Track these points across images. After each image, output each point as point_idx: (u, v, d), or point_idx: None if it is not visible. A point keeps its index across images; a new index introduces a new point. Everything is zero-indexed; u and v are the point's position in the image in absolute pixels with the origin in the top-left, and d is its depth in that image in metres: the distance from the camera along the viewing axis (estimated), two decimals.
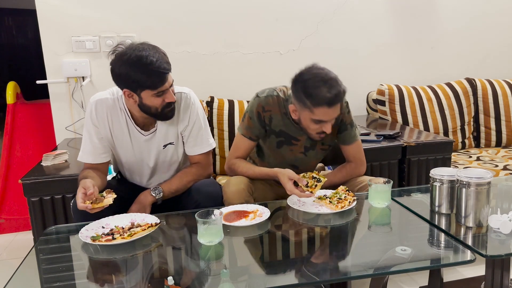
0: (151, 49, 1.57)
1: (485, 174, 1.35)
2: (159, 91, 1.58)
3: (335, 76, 1.67)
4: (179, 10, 2.62)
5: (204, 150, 1.80)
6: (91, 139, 1.72)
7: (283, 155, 1.89)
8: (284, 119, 1.82)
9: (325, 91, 1.61)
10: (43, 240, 1.45)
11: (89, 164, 1.73)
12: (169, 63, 1.60)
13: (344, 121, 1.84)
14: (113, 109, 1.71)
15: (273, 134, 1.85)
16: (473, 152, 2.72)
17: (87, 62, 2.54)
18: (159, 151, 1.77)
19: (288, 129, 1.82)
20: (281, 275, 1.22)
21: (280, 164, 1.88)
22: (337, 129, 1.85)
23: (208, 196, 1.71)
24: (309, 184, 1.61)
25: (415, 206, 1.57)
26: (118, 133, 1.73)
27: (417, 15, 3.02)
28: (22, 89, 3.02)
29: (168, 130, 1.75)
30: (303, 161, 1.91)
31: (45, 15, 2.46)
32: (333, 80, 1.65)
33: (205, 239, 1.30)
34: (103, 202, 1.48)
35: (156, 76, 1.56)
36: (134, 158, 1.78)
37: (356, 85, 2.98)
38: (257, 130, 1.84)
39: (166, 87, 1.60)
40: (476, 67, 3.15)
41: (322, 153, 1.93)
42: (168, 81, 1.60)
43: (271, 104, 1.81)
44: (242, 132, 1.86)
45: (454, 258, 1.28)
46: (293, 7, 2.79)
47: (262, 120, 1.82)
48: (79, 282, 1.23)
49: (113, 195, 1.52)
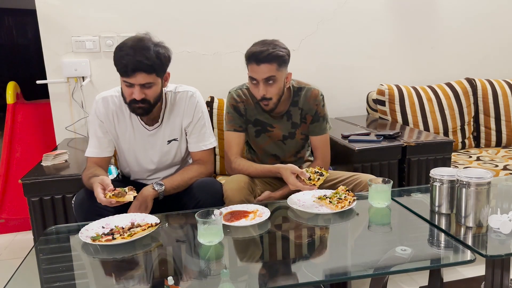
0: (136, 41, 1.61)
1: (485, 174, 1.35)
2: (126, 81, 1.62)
3: (278, 43, 1.82)
4: (179, 10, 2.62)
5: (206, 147, 1.84)
6: (96, 133, 1.79)
7: (263, 145, 1.99)
8: (258, 108, 1.93)
9: (255, 48, 1.77)
10: (43, 240, 1.45)
11: (94, 158, 1.78)
12: (146, 64, 1.58)
13: (317, 113, 1.95)
14: (117, 105, 1.77)
15: (250, 123, 1.97)
16: (473, 152, 2.72)
17: (87, 62, 2.54)
18: (163, 147, 1.82)
19: (262, 117, 1.95)
20: (281, 275, 1.22)
21: (263, 156, 2.01)
22: (310, 120, 1.96)
23: (208, 194, 1.72)
24: (311, 178, 1.63)
25: (415, 206, 1.57)
26: (122, 129, 1.78)
27: (417, 15, 3.02)
28: (22, 89, 3.02)
29: (172, 126, 1.81)
30: (283, 150, 2.00)
31: (45, 15, 2.46)
32: (272, 43, 1.79)
33: (205, 239, 1.30)
34: (125, 198, 1.50)
35: (119, 65, 1.60)
36: (138, 154, 1.82)
37: (356, 85, 2.98)
38: (238, 120, 1.94)
39: (133, 81, 1.61)
40: (476, 67, 3.15)
41: (301, 142, 2.02)
42: (137, 78, 1.59)
43: (242, 96, 1.94)
44: (227, 128, 1.97)
45: (454, 258, 1.28)
46: (293, 7, 2.79)
47: (239, 110, 1.93)
48: (79, 282, 1.22)
49: (135, 192, 1.54)
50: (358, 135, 2.28)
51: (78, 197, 1.67)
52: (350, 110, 2.99)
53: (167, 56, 1.68)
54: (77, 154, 2.23)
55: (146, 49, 1.60)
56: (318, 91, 1.96)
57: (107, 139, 1.80)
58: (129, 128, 1.79)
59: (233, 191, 1.71)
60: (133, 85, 1.62)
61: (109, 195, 1.49)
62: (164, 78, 1.72)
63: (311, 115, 1.95)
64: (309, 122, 1.97)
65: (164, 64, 1.67)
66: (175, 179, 1.75)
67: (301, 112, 1.95)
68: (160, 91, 1.71)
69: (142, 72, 1.59)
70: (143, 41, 1.62)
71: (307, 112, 1.96)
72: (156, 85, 1.67)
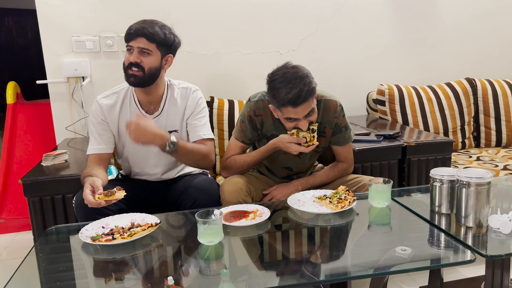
0: (149, 19, 1.76)
1: (485, 174, 1.35)
2: (128, 45, 1.73)
3: (302, 75, 1.63)
4: (179, 10, 2.62)
5: (207, 136, 1.86)
6: (95, 132, 1.82)
7: (277, 158, 1.90)
8: (276, 123, 1.83)
9: (285, 92, 1.61)
10: (43, 240, 1.45)
11: (94, 156, 1.80)
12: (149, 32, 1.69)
13: (338, 124, 1.86)
14: (118, 97, 1.83)
15: (265, 138, 1.87)
16: (473, 152, 2.72)
17: (87, 62, 2.54)
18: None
19: (280, 133, 1.79)
20: (281, 275, 1.22)
21: (276, 167, 1.93)
22: (331, 132, 1.87)
23: (206, 194, 1.73)
24: (307, 140, 1.67)
25: (415, 206, 1.57)
26: (124, 118, 1.82)
27: (417, 15, 3.02)
28: (22, 89, 3.02)
29: (173, 117, 1.84)
30: (298, 163, 1.92)
31: (45, 15, 2.46)
32: (298, 79, 1.62)
33: (205, 239, 1.30)
34: (115, 196, 1.50)
35: (126, 32, 1.73)
36: (136, 144, 1.81)
37: (356, 85, 2.98)
38: (249, 134, 1.86)
39: (133, 44, 1.71)
40: (476, 67, 3.15)
41: (315, 155, 1.96)
42: (137, 41, 1.70)
43: (262, 109, 1.81)
44: (235, 136, 1.90)
45: (454, 258, 1.28)
46: (293, 7, 2.79)
47: (254, 124, 1.84)
48: (79, 282, 1.23)
49: (123, 191, 1.54)
50: (358, 135, 2.28)
51: (78, 197, 1.67)
52: (350, 110, 2.97)
53: (172, 37, 1.78)
54: (77, 154, 2.23)
55: (154, 23, 1.73)
56: (336, 102, 1.83)
57: (107, 136, 1.82)
58: (130, 117, 1.82)
59: (230, 192, 1.71)
60: (133, 50, 1.71)
61: (97, 196, 1.49)
62: (164, 58, 1.78)
63: (330, 127, 1.85)
64: (329, 135, 1.87)
65: (167, 40, 1.75)
66: (188, 143, 1.80)
67: (320, 126, 1.82)
68: (157, 66, 1.75)
69: (143, 38, 1.69)
70: (155, 19, 1.76)
71: (325, 126, 1.84)
72: (154, 56, 1.73)
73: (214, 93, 2.54)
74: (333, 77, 2.91)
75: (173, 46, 1.79)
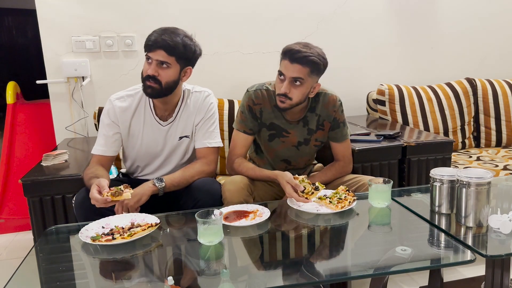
0: (170, 27, 1.73)
1: (485, 174, 1.35)
2: (147, 55, 1.70)
3: (321, 51, 1.78)
4: (179, 10, 2.62)
5: (211, 145, 1.85)
6: (104, 132, 1.81)
7: (275, 149, 1.94)
8: (275, 112, 1.87)
9: (294, 46, 1.73)
10: (43, 240, 1.45)
11: (98, 156, 1.80)
12: (169, 44, 1.66)
13: (337, 119, 1.90)
14: (134, 100, 1.81)
15: (265, 127, 1.91)
16: (473, 152, 2.72)
17: (87, 62, 2.54)
18: (173, 143, 1.84)
19: (279, 122, 1.88)
20: (281, 275, 1.22)
21: (274, 159, 1.95)
22: (329, 126, 1.91)
23: (208, 194, 1.72)
24: (305, 191, 1.60)
25: (415, 206, 1.57)
26: (136, 122, 1.82)
27: (417, 15, 3.02)
28: (22, 89, 3.02)
29: (185, 123, 1.84)
30: (296, 155, 1.95)
31: (45, 15, 2.46)
32: (312, 48, 1.74)
33: (205, 239, 1.30)
34: (122, 196, 1.50)
35: (146, 41, 1.70)
36: (147, 150, 1.84)
37: (356, 85, 2.98)
38: (250, 123, 1.89)
39: (152, 56, 1.68)
40: (476, 67, 3.15)
41: (314, 149, 1.98)
42: (156, 53, 1.67)
43: (261, 98, 1.87)
44: (237, 127, 1.92)
45: (454, 258, 1.28)
46: (293, 7, 2.79)
47: (254, 113, 1.88)
48: (79, 282, 1.22)
49: (131, 190, 1.54)
50: (358, 135, 2.28)
51: (78, 197, 1.68)
52: (350, 110, 2.97)
53: (193, 49, 1.75)
54: (77, 154, 2.23)
55: (175, 34, 1.70)
56: (336, 97, 1.90)
57: (114, 139, 1.82)
58: (143, 122, 1.82)
59: (232, 192, 1.71)
60: (152, 61, 1.69)
61: (106, 194, 1.49)
62: (183, 71, 1.76)
63: (329, 121, 1.90)
64: (327, 129, 1.92)
65: (187, 53, 1.73)
66: (176, 176, 1.76)
67: (318, 119, 1.89)
68: (174, 79, 1.73)
69: (162, 50, 1.67)
70: (176, 29, 1.73)
71: (324, 119, 1.90)
72: (173, 69, 1.71)
73: (214, 93, 2.50)
74: (333, 77, 2.88)
75: (193, 58, 1.78)
